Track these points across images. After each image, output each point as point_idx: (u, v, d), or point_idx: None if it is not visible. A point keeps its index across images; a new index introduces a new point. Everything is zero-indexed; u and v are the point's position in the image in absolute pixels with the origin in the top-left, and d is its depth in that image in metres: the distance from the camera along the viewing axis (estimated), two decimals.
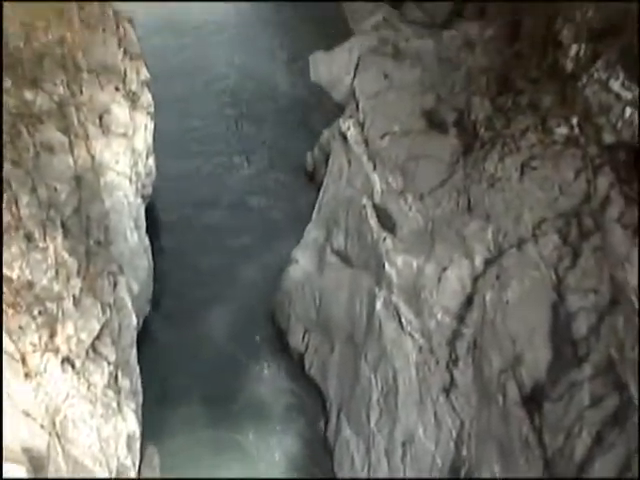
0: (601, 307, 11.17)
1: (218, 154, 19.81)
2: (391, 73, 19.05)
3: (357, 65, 21.35)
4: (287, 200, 18.19)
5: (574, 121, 13.97)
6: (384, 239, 14.17)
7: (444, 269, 13.03)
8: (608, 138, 13.24)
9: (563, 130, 13.98)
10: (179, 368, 14.79)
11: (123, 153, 14.89)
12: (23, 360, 10.76)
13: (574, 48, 14.66)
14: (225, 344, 15.08)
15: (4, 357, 10.24)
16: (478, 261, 12.84)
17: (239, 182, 18.91)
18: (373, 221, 14.69)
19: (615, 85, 13.69)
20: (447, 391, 12.56)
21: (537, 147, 14.02)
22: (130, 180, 15.00)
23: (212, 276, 16.16)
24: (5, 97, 13.04)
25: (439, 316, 12.64)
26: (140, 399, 13.65)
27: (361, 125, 17.93)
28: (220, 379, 14.62)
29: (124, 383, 12.61)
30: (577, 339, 11.12)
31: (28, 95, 13.45)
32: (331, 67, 22.80)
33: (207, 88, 22.73)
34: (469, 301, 12.56)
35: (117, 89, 15.55)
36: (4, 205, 11.52)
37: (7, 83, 13.25)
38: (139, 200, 15.57)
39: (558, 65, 14.87)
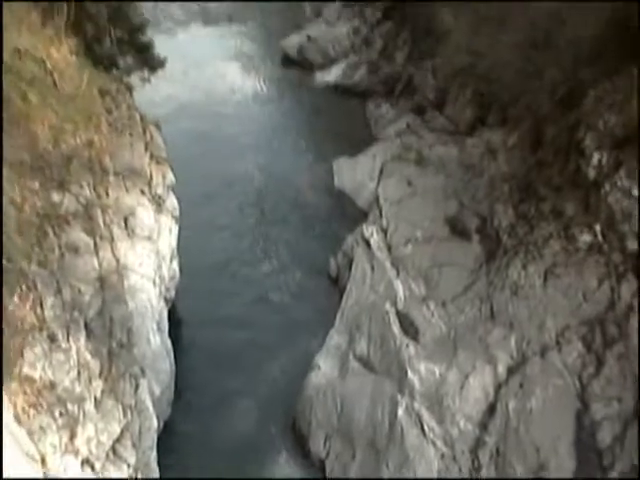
0: (625, 415, 12.01)
1: (241, 256, 21.19)
2: (414, 180, 20.63)
3: (380, 171, 23.08)
4: (309, 302, 19.27)
5: (597, 228, 15.21)
6: (407, 345, 15.17)
7: (467, 376, 13.95)
8: (631, 245, 14.39)
9: (586, 237, 15.22)
10: (199, 470, 15.47)
11: (147, 256, 16.00)
12: (43, 461, 11.61)
13: (596, 156, 16.08)
14: (245, 448, 15.79)
15: (25, 458, 11.16)
16: (501, 369, 13.78)
17: (262, 283, 20.14)
18: (396, 327, 15.74)
19: (637, 193, 14.98)
20: None
21: (560, 254, 15.22)
22: (154, 283, 16.05)
23: (233, 376, 17.02)
24: (33, 198, 14.54)
25: (462, 424, 13.43)
26: None
27: (384, 231, 19.33)
28: None
29: None
30: (602, 448, 11.90)
31: (55, 197, 14.81)
32: (355, 173, 24.45)
33: (232, 189, 24.38)
34: (492, 409, 13.39)
35: (143, 192, 16.98)
36: (29, 306, 12.78)
37: (35, 185, 14.75)
38: (162, 303, 16.59)
39: (581, 173, 16.27)
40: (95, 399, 12.65)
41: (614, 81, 16.70)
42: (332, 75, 31.86)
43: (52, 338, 12.65)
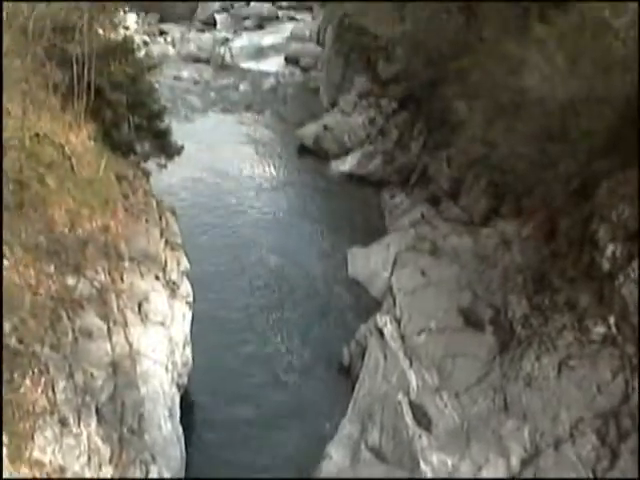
0: None
1: (254, 340, 21.66)
2: (428, 270, 21.22)
3: (394, 261, 23.71)
4: (322, 389, 19.55)
5: (611, 320, 15.62)
6: (419, 436, 15.42)
7: (479, 468, 14.16)
8: None
9: (600, 329, 15.63)
10: None
11: (160, 342, 16.36)
12: None
13: (610, 248, 16.61)
14: None
15: None
16: (514, 461, 14.00)
17: (274, 369, 20.52)
18: (408, 418, 16.03)
19: None
20: None
21: (574, 346, 15.61)
22: (166, 369, 16.32)
23: (245, 460, 17.24)
24: (48, 282, 15.15)
25: None
26: None
27: (398, 321, 19.80)
28: None
29: None
30: None
31: (70, 281, 15.37)
32: (369, 262, 25.08)
33: (246, 274, 25.04)
34: None
35: (157, 278, 17.56)
36: (40, 389, 13.23)
37: (50, 268, 15.36)
38: (174, 389, 16.84)
39: (595, 264, 16.79)
40: None
41: (627, 173, 17.36)
42: (347, 164, 32.95)
43: (63, 422, 12.96)
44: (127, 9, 28.40)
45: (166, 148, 23.73)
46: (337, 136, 34.41)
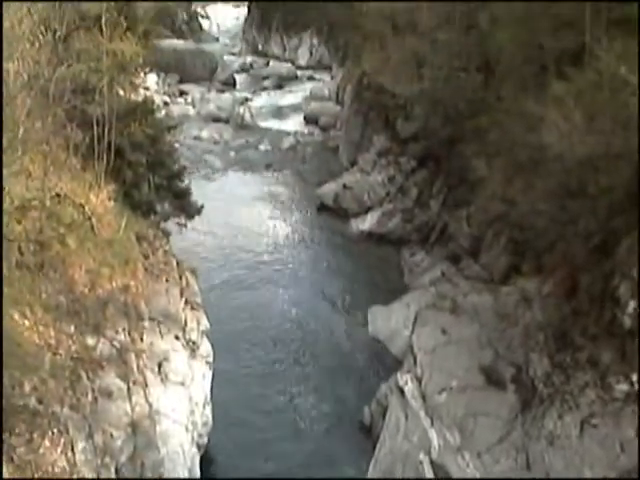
0: None
1: (274, 396, 21.88)
2: (449, 328, 21.30)
3: (415, 320, 23.80)
4: (342, 447, 19.65)
5: (634, 378, 15.59)
6: None
7: None
8: None
9: (623, 387, 15.61)
10: None
11: (180, 401, 16.68)
12: None
13: (632, 305, 16.67)
14: None
15: None
16: None
17: (296, 426, 20.65)
18: (430, 477, 16.05)
19: None
20: None
21: (597, 404, 15.58)
22: (186, 429, 16.63)
23: None
24: (68, 342, 15.42)
25: None
26: None
27: (419, 380, 19.84)
28: None
29: None
30: None
31: (90, 341, 15.60)
32: (389, 321, 25.27)
33: (266, 331, 25.29)
34: None
35: (177, 338, 17.84)
36: (60, 450, 13.39)
37: (70, 328, 15.62)
38: (194, 449, 17.06)
39: (616, 321, 16.84)
40: None
41: None
42: (367, 223, 33.35)
43: None
44: (147, 70, 29.25)
45: (186, 208, 24.21)
46: (357, 194, 34.90)
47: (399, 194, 33.58)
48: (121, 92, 22.92)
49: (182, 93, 59.44)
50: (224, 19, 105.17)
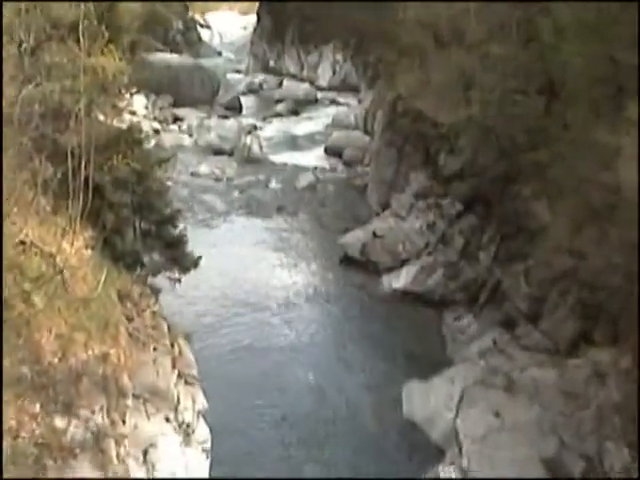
0: None
1: None
2: (502, 411, 21.28)
3: (460, 399, 23.78)
4: None
5: None
6: None
7: None
8: None
9: None
10: None
11: None
12: None
13: None
14: None
15: None
16: None
17: None
18: None
19: None
20: None
21: None
22: None
23: None
24: (31, 424, 15.49)
25: None
26: None
27: (464, 473, 19.83)
28: None
29: None
30: None
31: (59, 422, 15.54)
32: (428, 400, 25.06)
33: (276, 402, 25.26)
34: None
35: (167, 419, 17.72)
36: None
37: (35, 407, 15.69)
38: None
39: None
40: None
41: None
42: (402, 279, 33.41)
43: None
44: (134, 91, 29.68)
45: (180, 260, 24.40)
46: (389, 245, 35.07)
47: (441, 244, 33.68)
48: (101, 117, 23.26)
49: (176, 119, 60.21)
50: (228, 29, 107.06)
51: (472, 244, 32.35)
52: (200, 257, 24.61)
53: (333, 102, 66.66)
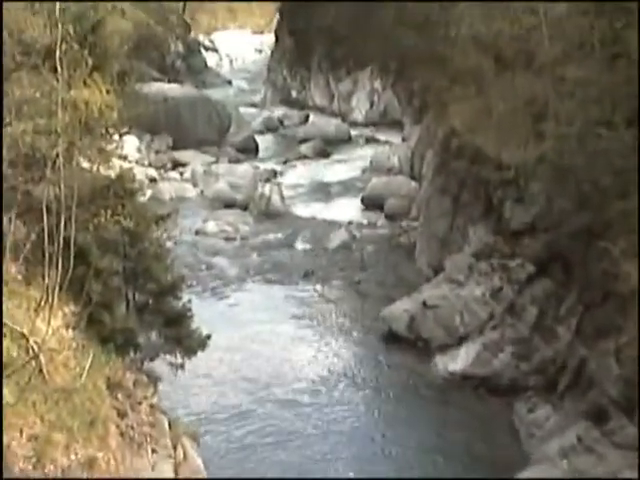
0: None
1: None
2: None
3: None
4: None
5: None
6: None
7: None
8: None
9: None
10: None
11: None
12: None
13: None
14: None
15: None
16: None
17: None
18: None
19: None
20: None
21: None
22: None
23: None
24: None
25: None
26: None
27: None
28: None
29: None
30: None
31: None
32: None
33: None
34: None
35: None
36: None
37: None
38: None
39: None
40: None
41: None
42: (460, 360, 33.23)
43: None
44: (125, 130, 29.94)
45: (183, 339, 24.49)
46: (443, 317, 34.98)
47: (509, 316, 33.55)
48: (85, 164, 23.50)
49: (177, 164, 60.78)
50: (239, 52, 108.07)
51: (548, 315, 32.20)
52: (208, 336, 24.67)
53: (371, 141, 66.98)
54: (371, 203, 52.47)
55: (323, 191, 56.57)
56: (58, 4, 21.67)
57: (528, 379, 31.06)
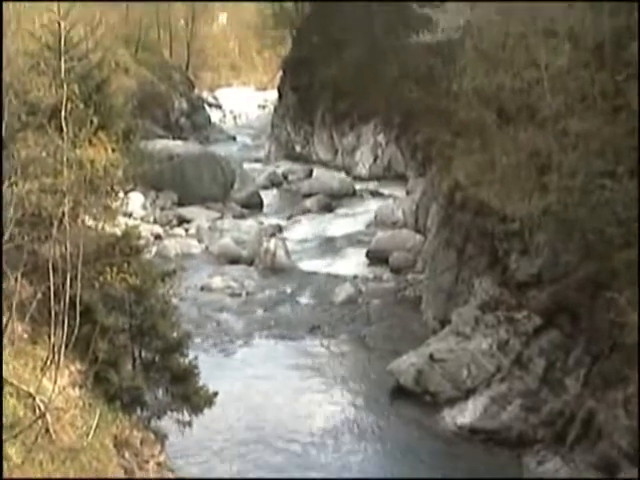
0: None
1: None
2: None
3: None
4: None
5: None
6: None
7: None
8: None
9: None
10: None
11: None
12: None
13: None
14: None
15: None
16: None
17: None
18: None
19: None
20: None
21: None
22: None
23: None
24: None
25: None
26: None
27: None
28: None
29: None
30: None
31: None
32: None
33: None
34: None
35: None
36: None
37: None
38: None
39: None
40: None
41: None
42: (468, 414, 33.05)
43: None
44: (130, 187, 30.05)
45: (190, 396, 24.42)
46: (450, 370, 34.87)
47: (516, 368, 33.45)
48: (90, 222, 23.58)
49: (182, 221, 60.87)
50: (243, 108, 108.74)
51: (556, 367, 32.10)
52: (216, 393, 24.61)
53: (375, 194, 67.13)
54: (376, 257, 52.42)
55: (328, 245, 56.63)
56: (63, 65, 21.96)
57: (537, 431, 30.89)
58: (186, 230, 58.99)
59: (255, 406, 34.52)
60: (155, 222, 58.70)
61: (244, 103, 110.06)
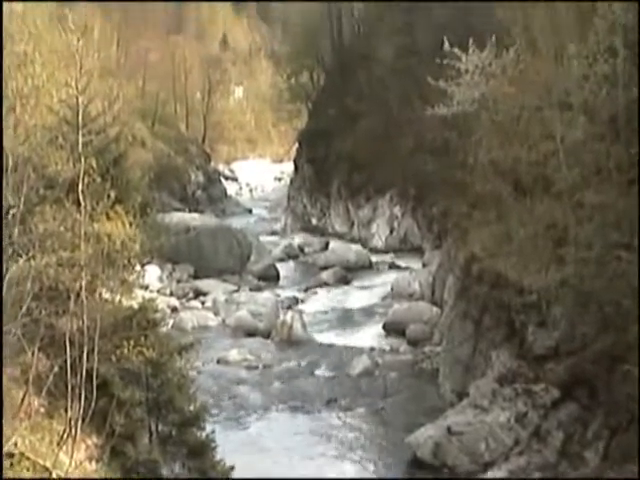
0: None
1: None
2: None
3: None
4: None
5: None
6: None
7: None
8: None
9: None
10: None
11: None
12: None
13: None
14: None
15: None
16: None
17: None
18: None
19: None
20: None
21: None
22: None
23: None
24: None
25: None
26: None
27: None
28: None
29: None
30: None
31: None
32: None
33: None
34: None
35: None
36: None
37: None
38: None
39: None
40: None
41: None
42: None
43: None
44: (146, 261, 30.22)
45: (207, 470, 24.40)
46: (468, 443, 34.70)
47: (535, 441, 33.31)
48: (107, 295, 23.72)
49: (198, 293, 60.98)
50: (259, 181, 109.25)
51: (574, 440, 31.96)
52: (232, 467, 24.58)
53: (391, 267, 67.13)
54: (393, 329, 52.31)
55: (345, 318, 56.60)
56: (81, 139, 22.26)
57: None
58: (202, 303, 59.06)
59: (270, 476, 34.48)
60: (172, 295, 58.86)
61: (260, 176, 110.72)
